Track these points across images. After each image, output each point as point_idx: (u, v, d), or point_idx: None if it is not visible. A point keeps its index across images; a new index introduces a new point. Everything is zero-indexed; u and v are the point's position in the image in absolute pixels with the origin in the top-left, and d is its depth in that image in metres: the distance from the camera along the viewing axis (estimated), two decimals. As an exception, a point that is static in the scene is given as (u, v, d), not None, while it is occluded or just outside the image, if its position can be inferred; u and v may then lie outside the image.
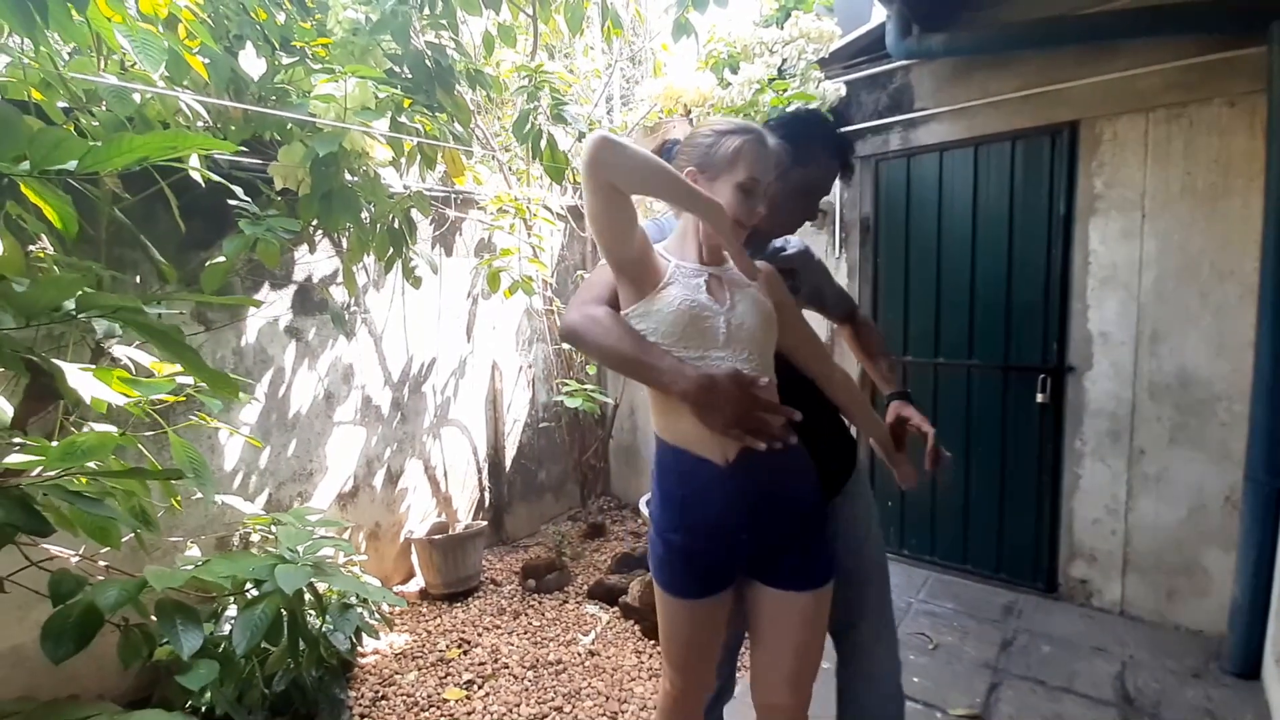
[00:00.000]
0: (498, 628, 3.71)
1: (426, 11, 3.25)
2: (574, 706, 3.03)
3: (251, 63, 2.75)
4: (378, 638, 3.40)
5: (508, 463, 4.91)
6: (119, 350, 2.13)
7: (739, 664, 2.29)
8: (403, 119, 3.04)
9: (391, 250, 3.21)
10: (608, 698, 3.08)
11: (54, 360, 1.48)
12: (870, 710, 1.99)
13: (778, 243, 2.06)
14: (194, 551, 2.83)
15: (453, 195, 4.22)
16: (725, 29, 3.78)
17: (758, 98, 3.40)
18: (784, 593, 1.62)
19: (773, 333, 1.62)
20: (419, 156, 3.22)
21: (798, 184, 1.87)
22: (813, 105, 3.42)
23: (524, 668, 3.32)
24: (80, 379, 1.41)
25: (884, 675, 1.98)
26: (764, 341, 1.60)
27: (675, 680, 1.75)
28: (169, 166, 1.83)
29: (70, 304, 1.36)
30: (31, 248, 2.04)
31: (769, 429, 1.46)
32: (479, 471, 4.76)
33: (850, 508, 1.93)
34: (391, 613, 3.67)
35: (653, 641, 3.49)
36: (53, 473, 1.47)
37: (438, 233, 4.28)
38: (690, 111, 3.60)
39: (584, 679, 3.23)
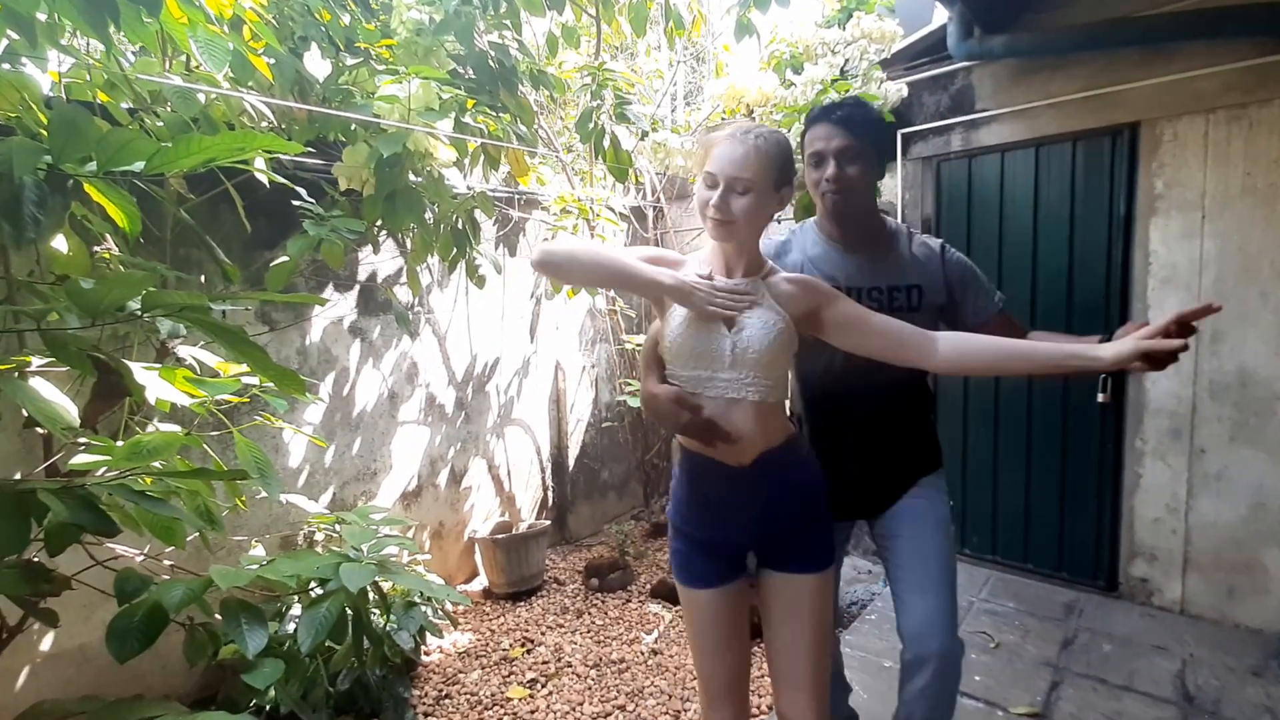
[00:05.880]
0: (561, 626, 3.49)
1: (490, 12, 3.06)
2: (637, 705, 2.82)
3: (316, 64, 2.69)
4: (441, 636, 3.23)
5: (571, 462, 4.65)
6: (184, 350, 2.07)
7: None
8: (466, 119, 2.87)
9: (455, 250, 3.02)
10: (670, 696, 2.87)
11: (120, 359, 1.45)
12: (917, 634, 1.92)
13: (921, 250, 1.93)
14: (259, 550, 2.71)
15: (516, 196, 4.01)
16: (787, 29, 3.52)
17: (820, 98, 3.11)
18: (791, 575, 1.64)
19: (785, 352, 1.55)
20: (483, 157, 3.04)
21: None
22: (875, 104, 3.18)
23: (587, 666, 3.11)
24: (146, 378, 1.37)
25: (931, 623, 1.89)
26: (771, 363, 1.53)
27: (715, 710, 1.74)
28: (234, 167, 1.76)
29: (135, 303, 1.28)
30: (96, 248, 1.96)
31: (708, 439, 1.53)
32: (542, 471, 4.51)
33: (926, 502, 1.95)
34: (455, 611, 3.50)
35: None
36: (118, 472, 1.41)
37: (501, 233, 4.06)
38: (753, 111, 3.34)
39: (647, 678, 3.01)
